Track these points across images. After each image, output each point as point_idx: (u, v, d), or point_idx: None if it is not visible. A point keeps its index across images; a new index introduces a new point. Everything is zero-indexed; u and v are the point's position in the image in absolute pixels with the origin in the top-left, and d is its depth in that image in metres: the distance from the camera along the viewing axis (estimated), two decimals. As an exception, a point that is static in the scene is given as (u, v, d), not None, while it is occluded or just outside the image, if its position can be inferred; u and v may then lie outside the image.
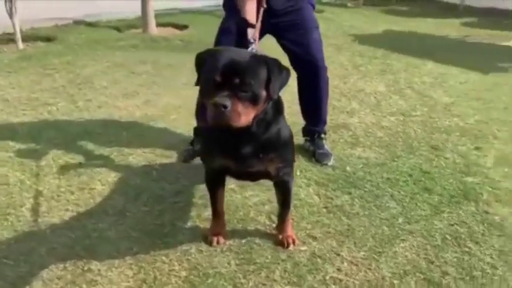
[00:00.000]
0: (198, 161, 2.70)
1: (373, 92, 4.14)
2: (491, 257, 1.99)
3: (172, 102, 3.75)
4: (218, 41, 2.60)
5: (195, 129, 2.87)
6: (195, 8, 8.35)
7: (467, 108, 3.77)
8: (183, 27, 6.88)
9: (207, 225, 2.16)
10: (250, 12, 2.38)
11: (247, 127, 1.63)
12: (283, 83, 1.68)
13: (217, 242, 2.05)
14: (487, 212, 2.31)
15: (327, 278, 1.87)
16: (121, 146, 2.98)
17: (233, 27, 2.54)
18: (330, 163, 2.75)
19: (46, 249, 2.00)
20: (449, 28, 7.40)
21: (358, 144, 3.06)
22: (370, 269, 1.91)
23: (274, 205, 2.21)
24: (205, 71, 1.62)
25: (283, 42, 2.67)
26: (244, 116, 1.54)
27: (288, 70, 1.72)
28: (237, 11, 2.42)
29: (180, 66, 4.67)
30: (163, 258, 1.97)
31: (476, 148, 3.04)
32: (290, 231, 2.08)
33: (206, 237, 2.08)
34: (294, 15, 2.59)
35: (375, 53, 5.55)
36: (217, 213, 2.07)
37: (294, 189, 2.23)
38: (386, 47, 5.76)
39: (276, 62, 1.66)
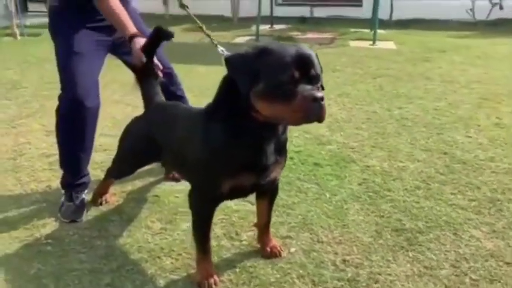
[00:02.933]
0: (86, 218, 2.26)
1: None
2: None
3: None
4: (69, 69, 2.16)
5: (65, 183, 2.33)
6: None
7: None
8: None
9: (179, 272, 1.84)
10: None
11: (276, 130, 1.54)
12: None
13: (215, 284, 1.77)
14: None
15: (338, 262, 1.91)
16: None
17: (84, 48, 2.18)
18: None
19: None
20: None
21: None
22: (357, 237, 2.06)
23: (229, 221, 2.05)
24: (270, 69, 1.38)
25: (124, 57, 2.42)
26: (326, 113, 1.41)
27: None
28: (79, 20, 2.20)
29: None
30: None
31: None
32: (273, 239, 1.99)
33: (199, 284, 1.77)
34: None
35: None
36: (207, 252, 1.77)
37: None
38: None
39: None
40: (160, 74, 2.16)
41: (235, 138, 1.53)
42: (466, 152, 2.94)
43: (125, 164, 2.22)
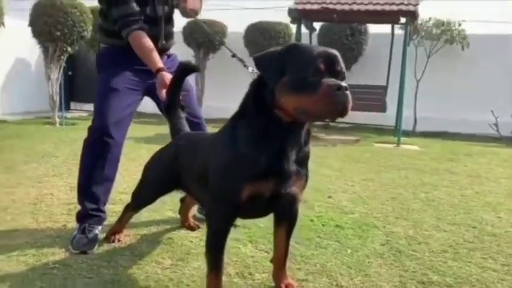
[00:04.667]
0: (96, 251, 2.19)
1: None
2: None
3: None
4: (104, 101, 2.30)
5: (81, 215, 2.32)
6: None
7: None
8: None
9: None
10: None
11: (301, 132, 1.56)
12: None
13: (224, 308, 1.64)
14: None
15: (359, 304, 1.76)
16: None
17: (120, 85, 2.33)
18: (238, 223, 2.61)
19: None
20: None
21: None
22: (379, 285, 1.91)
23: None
24: (296, 62, 1.43)
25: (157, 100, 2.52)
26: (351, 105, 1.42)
27: None
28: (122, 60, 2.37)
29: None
30: None
31: None
32: (289, 276, 1.87)
33: (208, 306, 1.64)
34: None
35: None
36: (219, 274, 1.67)
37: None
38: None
39: None
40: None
41: (259, 141, 1.54)
42: (496, 227, 2.80)
43: (147, 191, 2.21)
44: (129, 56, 2.35)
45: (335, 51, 1.50)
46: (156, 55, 2.29)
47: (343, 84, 1.40)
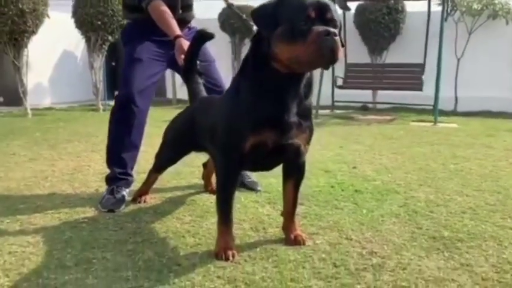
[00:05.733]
0: (123, 210, 2.33)
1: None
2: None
3: (29, 175, 3.08)
4: (128, 71, 2.45)
5: (109, 177, 2.48)
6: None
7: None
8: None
9: (200, 248, 1.84)
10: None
11: (300, 84, 1.61)
12: None
13: (233, 256, 1.74)
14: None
15: (364, 252, 1.81)
16: (9, 213, 2.27)
17: (144, 56, 2.46)
18: (260, 188, 2.72)
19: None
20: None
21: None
22: (390, 239, 1.95)
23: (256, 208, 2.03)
24: (288, 12, 1.51)
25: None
26: (341, 51, 1.49)
27: None
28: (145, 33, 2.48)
29: (3, 149, 3.97)
30: (187, 283, 1.56)
31: None
32: (299, 228, 1.95)
33: (216, 255, 1.75)
34: None
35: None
36: (229, 222, 1.78)
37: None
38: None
39: None
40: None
41: (259, 92, 1.62)
42: (523, 193, 2.75)
43: (167, 152, 2.35)
44: (151, 29, 2.47)
45: (327, 1, 1.55)
46: (174, 23, 2.40)
47: (332, 29, 1.45)
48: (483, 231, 2.07)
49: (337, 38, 1.46)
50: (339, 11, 8.02)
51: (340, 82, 7.92)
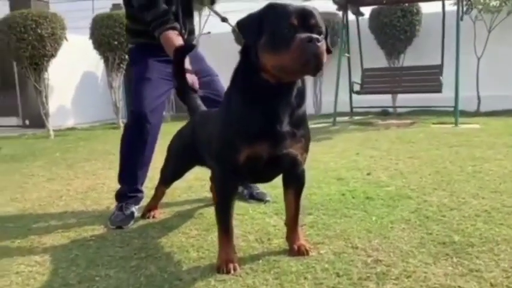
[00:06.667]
0: (132, 226, 2.35)
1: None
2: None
3: (45, 195, 3.15)
4: (139, 90, 2.46)
5: (119, 194, 2.51)
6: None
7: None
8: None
9: (203, 261, 1.83)
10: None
11: (290, 94, 1.59)
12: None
13: (234, 269, 1.72)
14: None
15: (369, 261, 1.76)
16: (20, 234, 2.32)
17: (153, 75, 2.48)
18: (269, 198, 2.70)
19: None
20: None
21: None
22: (397, 246, 1.90)
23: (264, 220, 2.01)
24: (272, 20, 1.51)
25: None
26: (325, 57, 1.48)
27: None
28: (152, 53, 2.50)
29: (23, 171, 4.06)
30: (187, 299, 1.55)
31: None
32: (303, 238, 1.92)
33: (218, 268, 1.73)
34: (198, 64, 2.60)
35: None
36: (229, 233, 1.77)
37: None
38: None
39: None
40: (196, 86, 2.34)
41: (250, 103, 1.62)
42: (544, 194, 2.64)
43: (171, 167, 2.37)
44: (158, 50, 2.50)
45: (311, 8, 1.54)
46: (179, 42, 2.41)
47: (315, 36, 1.43)
48: (496, 235, 1.99)
49: (321, 43, 1.45)
50: (352, 17, 8.01)
51: (357, 88, 7.85)
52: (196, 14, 9.08)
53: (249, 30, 1.57)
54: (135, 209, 2.49)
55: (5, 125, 9.15)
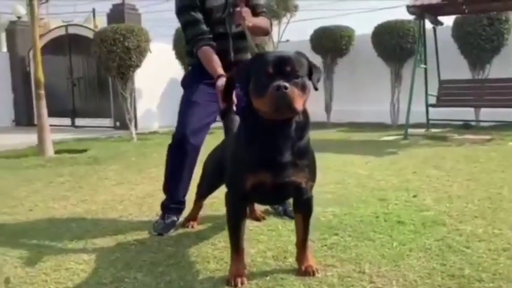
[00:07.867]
0: (171, 234, 2.62)
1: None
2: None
3: (110, 198, 3.56)
4: (184, 112, 2.71)
5: (163, 205, 2.80)
6: (89, 137, 8.24)
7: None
8: (82, 151, 6.70)
9: (218, 273, 2.03)
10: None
11: (289, 128, 1.76)
12: (319, 77, 1.86)
13: (241, 283, 1.91)
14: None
15: (368, 287, 1.85)
16: (79, 234, 2.69)
17: (200, 99, 2.71)
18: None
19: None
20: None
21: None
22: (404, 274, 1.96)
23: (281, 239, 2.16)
24: (255, 69, 1.73)
25: None
26: (300, 99, 1.65)
27: (319, 67, 1.89)
28: (200, 77, 2.72)
29: (99, 174, 4.56)
30: (192, 306, 1.77)
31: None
32: (311, 259, 2.05)
33: (227, 281, 1.93)
34: None
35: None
36: (239, 250, 1.96)
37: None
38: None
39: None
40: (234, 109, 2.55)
41: (253, 137, 1.83)
42: None
43: (205, 183, 2.63)
44: (205, 72, 2.76)
45: (289, 54, 1.71)
46: (217, 64, 2.63)
47: (282, 83, 1.62)
48: (513, 272, 1.96)
49: (289, 90, 1.63)
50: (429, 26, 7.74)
51: (432, 100, 7.59)
52: (275, 23, 9.43)
53: (241, 77, 1.84)
54: (177, 218, 2.76)
55: (100, 125, 10.15)
